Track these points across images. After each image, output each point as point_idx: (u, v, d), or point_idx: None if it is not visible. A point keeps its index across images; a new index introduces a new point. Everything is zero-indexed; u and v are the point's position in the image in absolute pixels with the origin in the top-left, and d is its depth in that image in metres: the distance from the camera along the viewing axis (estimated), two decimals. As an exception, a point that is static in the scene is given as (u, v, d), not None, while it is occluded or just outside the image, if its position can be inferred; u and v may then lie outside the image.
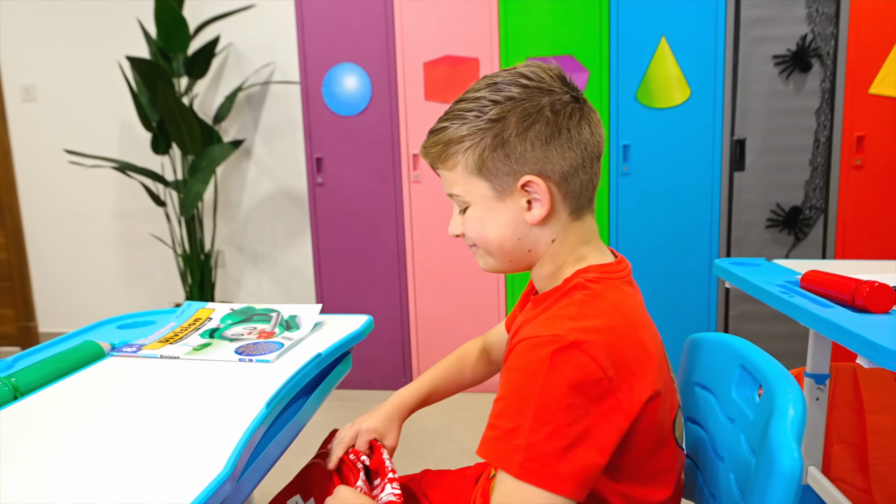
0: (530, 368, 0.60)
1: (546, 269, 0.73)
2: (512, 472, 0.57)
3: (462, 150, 0.70)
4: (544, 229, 0.70)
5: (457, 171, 0.71)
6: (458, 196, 0.73)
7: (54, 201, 3.22)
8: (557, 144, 0.68)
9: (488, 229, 0.72)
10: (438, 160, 0.73)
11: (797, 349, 2.06)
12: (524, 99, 0.68)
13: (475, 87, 0.72)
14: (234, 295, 3.15)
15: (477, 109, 0.69)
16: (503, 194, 0.70)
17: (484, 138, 0.68)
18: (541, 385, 0.58)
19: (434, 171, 0.78)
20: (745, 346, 0.71)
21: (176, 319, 1.10)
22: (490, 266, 0.76)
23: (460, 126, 0.70)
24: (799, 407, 0.55)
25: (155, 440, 0.67)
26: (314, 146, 2.45)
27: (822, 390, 1.33)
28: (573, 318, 0.62)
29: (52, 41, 3.06)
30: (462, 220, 0.75)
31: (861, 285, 0.93)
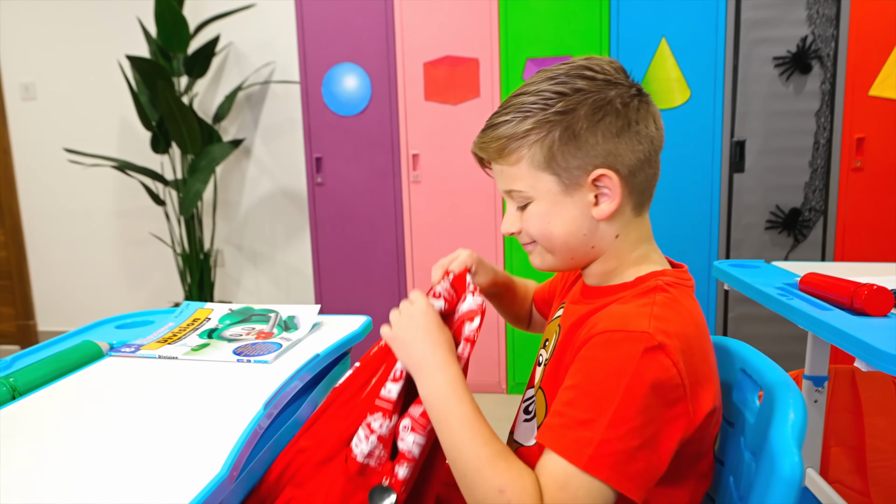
0: (617, 363, 0.58)
1: (607, 265, 0.72)
2: (579, 464, 0.55)
3: (528, 144, 0.67)
4: (609, 225, 0.69)
5: (520, 165, 0.68)
6: (519, 192, 0.70)
7: (54, 200, 3.21)
8: (627, 138, 0.67)
9: (554, 225, 0.69)
10: (499, 156, 0.70)
11: (796, 351, 2.06)
12: (593, 91, 0.66)
13: (533, 80, 0.69)
14: (233, 294, 3.15)
15: (542, 102, 0.66)
16: (571, 189, 0.68)
17: (552, 131, 0.66)
18: (626, 382, 0.56)
19: (484, 169, 0.76)
20: (745, 349, 0.71)
21: (174, 320, 1.10)
22: (548, 263, 0.74)
23: (523, 120, 0.67)
24: (800, 411, 0.55)
25: (152, 440, 0.67)
26: (314, 146, 2.44)
27: (820, 393, 1.33)
28: (657, 318, 0.61)
29: (53, 40, 3.06)
30: (519, 216, 0.72)
31: (859, 288, 0.92)
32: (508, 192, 0.72)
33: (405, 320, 0.73)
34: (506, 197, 0.74)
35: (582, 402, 0.58)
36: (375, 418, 0.68)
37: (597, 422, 0.56)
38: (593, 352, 0.61)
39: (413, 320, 0.72)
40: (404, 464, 0.66)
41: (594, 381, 0.58)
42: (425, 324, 0.71)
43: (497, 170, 0.72)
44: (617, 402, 0.56)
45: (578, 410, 0.58)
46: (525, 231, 0.72)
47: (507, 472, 0.58)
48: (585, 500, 0.55)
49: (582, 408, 0.58)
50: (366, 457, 0.68)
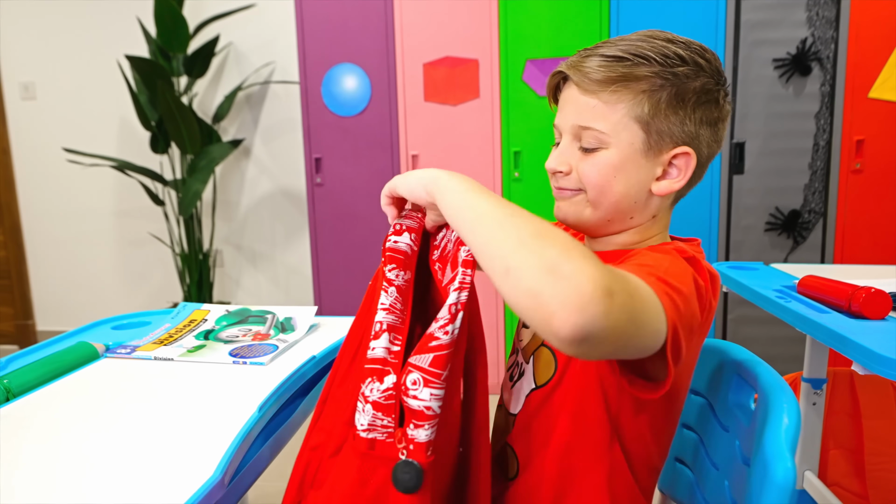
0: (660, 250, 0.60)
1: (631, 239, 0.71)
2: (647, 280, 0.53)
3: (637, 91, 0.65)
4: (655, 202, 0.69)
5: (617, 108, 0.65)
6: (598, 132, 0.66)
7: (53, 199, 3.21)
8: (712, 132, 0.68)
9: (619, 180, 0.66)
10: (601, 86, 0.65)
11: (795, 353, 2.06)
12: (708, 73, 0.66)
13: (645, 35, 0.67)
14: (232, 294, 3.15)
15: (662, 57, 0.64)
16: (651, 152, 0.66)
17: (664, 89, 0.64)
18: (673, 258, 0.59)
19: (552, 97, 0.73)
20: (740, 352, 0.71)
21: (171, 321, 1.10)
22: (583, 218, 0.70)
23: (641, 65, 0.64)
24: (793, 416, 0.55)
25: (146, 442, 0.67)
26: (313, 146, 2.44)
27: (818, 395, 1.33)
28: (682, 249, 0.63)
29: (52, 39, 3.06)
30: (579, 157, 0.68)
31: (857, 291, 0.92)
32: (583, 128, 0.67)
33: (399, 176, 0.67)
34: (569, 133, 0.69)
35: (637, 267, 0.56)
36: (366, 384, 0.60)
37: (653, 267, 0.56)
38: (639, 258, 0.60)
39: (408, 172, 0.67)
40: (424, 424, 0.56)
41: (642, 262, 0.58)
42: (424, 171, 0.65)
43: (580, 100, 0.67)
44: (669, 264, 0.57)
45: (633, 268, 0.56)
46: (579, 174, 0.68)
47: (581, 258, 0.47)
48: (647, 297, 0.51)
49: (635, 266, 0.56)
50: (368, 429, 0.60)
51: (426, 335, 0.58)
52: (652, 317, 0.50)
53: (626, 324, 0.46)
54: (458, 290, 0.58)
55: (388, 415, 0.59)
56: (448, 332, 0.57)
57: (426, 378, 0.57)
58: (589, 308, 0.43)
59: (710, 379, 0.76)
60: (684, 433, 0.80)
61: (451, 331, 0.57)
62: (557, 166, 0.69)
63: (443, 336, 0.57)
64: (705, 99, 0.66)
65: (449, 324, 0.57)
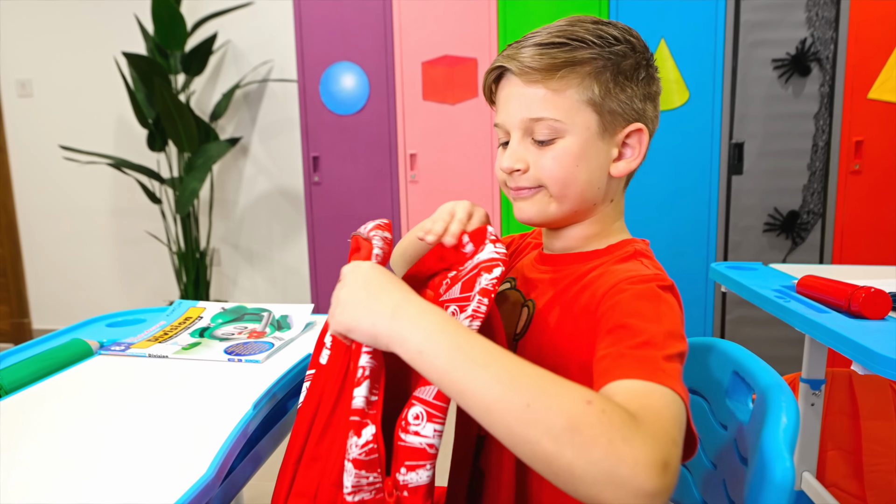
0: (648, 294, 0.56)
1: (592, 229, 0.69)
2: (652, 377, 0.48)
3: (583, 74, 0.63)
4: (613, 185, 0.68)
5: (566, 94, 0.63)
6: (553, 121, 0.64)
7: (49, 197, 3.20)
8: (654, 107, 0.68)
9: (581, 168, 0.65)
10: (547, 75, 0.63)
11: (793, 354, 2.06)
12: (641, 50, 0.66)
13: (574, 20, 0.66)
14: (229, 293, 3.14)
15: (599, 39, 0.64)
16: (606, 134, 0.65)
17: (607, 69, 0.64)
18: (663, 307, 0.56)
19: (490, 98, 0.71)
20: (739, 351, 0.71)
21: (166, 318, 1.09)
22: (549, 214, 0.67)
23: (581, 48, 0.63)
24: (792, 415, 0.54)
25: (139, 440, 0.66)
26: (311, 145, 2.44)
27: (817, 396, 1.32)
28: (656, 270, 0.62)
29: (50, 36, 3.05)
30: (534, 152, 0.66)
31: (857, 291, 0.92)
32: (535, 121, 0.64)
33: (350, 285, 0.55)
34: (518, 128, 0.66)
35: (626, 336, 0.52)
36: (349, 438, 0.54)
37: (650, 344, 0.51)
38: (616, 298, 0.57)
39: (360, 278, 0.55)
40: (425, 464, 0.50)
41: (630, 315, 0.54)
42: (379, 275, 0.55)
43: (526, 93, 0.65)
44: (661, 326, 0.53)
45: (626, 342, 0.52)
46: (539, 169, 0.66)
47: (582, 387, 0.45)
48: (673, 406, 0.46)
49: (629, 338, 0.52)
50: (353, 492, 0.53)
51: None
52: (682, 421, 0.47)
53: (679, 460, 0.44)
54: (471, 319, 0.53)
55: (372, 470, 0.53)
56: None
57: (430, 412, 0.51)
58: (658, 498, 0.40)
59: (706, 377, 0.75)
60: (682, 433, 0.79)
61: None
62: (514, 164, 0.66)
63: None
64: (644, 74, 0.66)
65: None
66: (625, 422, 0.42)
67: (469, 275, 0.60)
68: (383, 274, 0.55)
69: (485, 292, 0.55)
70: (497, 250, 0.60)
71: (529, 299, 0.71)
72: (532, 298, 0.70)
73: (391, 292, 0.53)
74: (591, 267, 0.66)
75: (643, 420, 0.43)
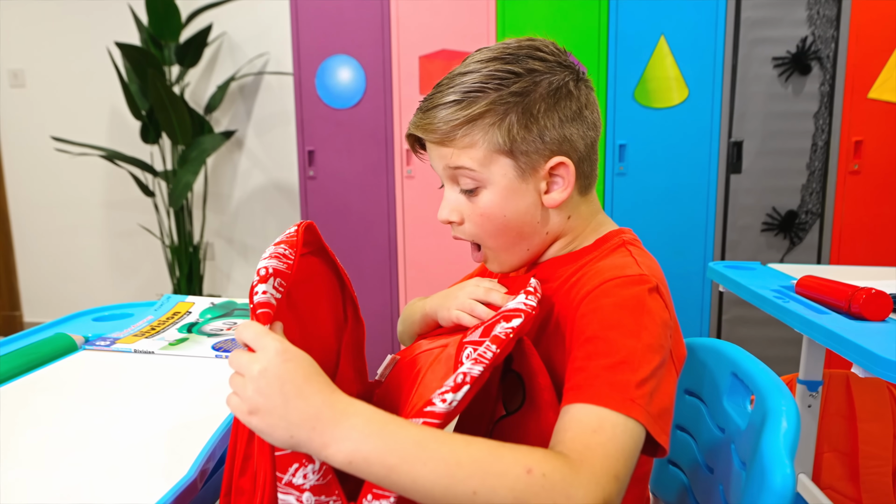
0: (629, 304, 0.56)
1: (564, 242, 0.69)
2: (615, 406, 0.50)
3: (483, 127, 0.63)
4: (560, 210, 0.67)
5: (475, 149, 0.63)
6: (471, 171, 0.64)
7: (42, 189, 3.17)
8: (579, 123, 0.65)
9: (509, 213, 0.65)
10: (447, 140, 0.64)
11: (791, 354, 2.04)
12: (546, 73, 0.64)
13: (473, 59, 0.65)
14: (223, 288, 3.12)
15: (494, 82, 0.62)
16: (526, 174, 0.64)
17: (509, 113, 0.62)
18: (643, 320, 0.55)
19: (416, 153, 0.71)
20: (737, 352, 0.69)
21: (154, 313, 1.07)
22: (508, 263, 0.69)
23: (476, 101, 0.62)
24: (793, 420, 0.52)
25: (121, 439, 0.64)
26: (306, 139, 2.41)
27: (814, 397, 1.31)
28: (642, 264, 0.61)
29: (42, 26, 3.01)
30: (461, 202, 0.66)
31: (857, 292, 0.90)
32: (455, 169, 0.65)
33: (260, 383, 0.48)
34: (446, 178, 0.67)
35: (603, 350, 0.53)
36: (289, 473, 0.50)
37: (625, 364, 0.52)
38: (598, 302, 0.57)
39: (272, 377, 0.48)
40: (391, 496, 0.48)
41: (610, 326, 0.54)
42: (293, 372, 0.48)
43: (441, 152, 0.66)
44: (640, 342, 0.53)
45: (601, 359, 0.53)
46: (470, 221, 0.67)
47: (517, 452, 0.46)
48: (622, 437, 0.49)
49: (604, 355, 0.53)
50: None
51: (422, 400, 0.52)
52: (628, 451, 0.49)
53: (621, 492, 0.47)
54: (475, 363, 0.51)
55: (331, 494, 0.50)
56: (446, 400, 0.49)
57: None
58: None
59: (704, 379, 0.73)
60: (677, 434, 0.78)
61: (449, 400, 0.49)
62: (449, 216, 0.68)
63: (439, 404, 0.49)
64: (556, 99, 0.63)
65: (449, 392, 0.50)
66: (565, 478, 0.45)
67: (492, 320, 0.58)
68: (298, 367, 0.48)
69: (496, 339, 0.53)
70: (526, 301, 0.58)
71: None
72: None
73: (308, 396, 0.47)
74: (582, 264, 0.66)
75: (584, 462, 0.46)
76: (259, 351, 0.49)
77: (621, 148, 2.23)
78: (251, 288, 0.54)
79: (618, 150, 2.23)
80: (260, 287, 0.54)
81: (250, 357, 0.49)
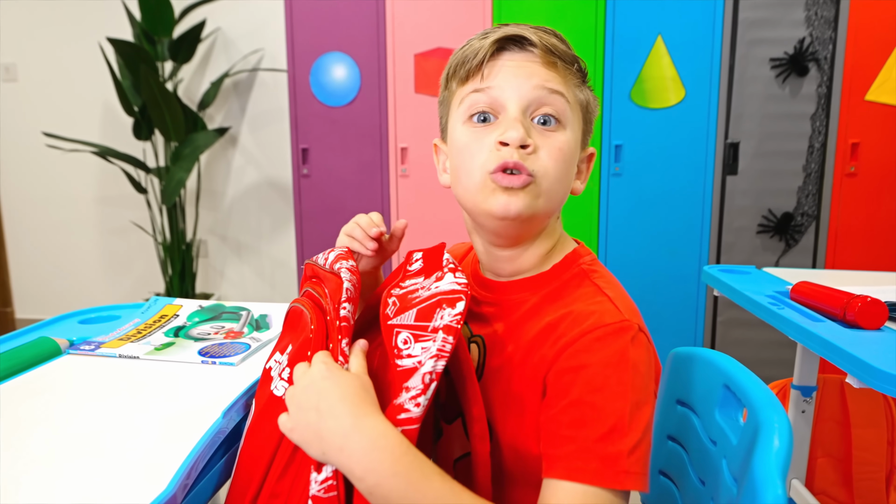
0: (613, 361, 0.52)
1: (545, 246, 0.64)
2: (610, 483, 0.49)
3: (581, 78, 0.63)
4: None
5: (571, 91, 0.61)
6: (563, 104, 0.60)
7: (34, 184, 3.14)
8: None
9: (569, 170, 0.62)
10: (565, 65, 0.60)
11: (785, 356, 2.04)
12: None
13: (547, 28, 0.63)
14: (216, 286, 3.10)
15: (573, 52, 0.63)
16: (579, 146, 0.64)
17: (586, 82, 0.64)
18: (629, 378, 0.52)
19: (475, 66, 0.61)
20: (730, 364, 0.68)
21: (141, 315, 1.05)
22: (534, 210, 0.59)
23: (577, 58, 0.63)
24: (785, 438, 0.51)
25: (101, 448, 0.62)
26: (300, 136, 2.39)
27: (808, 403, 1.30)
28: (619, 302, 0.57)
29: (35, 20, 2.97)
30: (539, 135, 0.59)
31: (853, 300, 0.89)
32: (552, 93, 0.59)
33: (301, 398, 0.53)
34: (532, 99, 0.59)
35: (591, 417, 0.51)
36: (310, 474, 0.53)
37: (615, 431, 0.50)
38: (580, 358, 0.53)
39: (312, 391, 0.53)
40: None
41: (595, 389, 0.51)
42: (330, 389, 0.52)
43: (541, 72, 0.60)
44: (627, 402, 0.51)
45: (590, 428, 0.50)
46: (546, 152, 0.59)
47: None
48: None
49: (593, 423, 0.50)
50: None
51: (393, 406, 0.51)
52: None
53: None
54: (435, 358, 0.51)
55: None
56: (419, 404, 0.50)
57: None
58: None
59: (696, 389, 0.72)
60: (669, 445, 0.77)
61: (422, 403, 0.50)
62: (525, 138, 0.57)
63: (413, 408, 0.50)
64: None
65: (421, 395, 0.50)
66: None
67: (426, 303, 0.56)
68: (335, 385, 0.52)
69: (449, 329, 0.53)
70: (458, 281, 0.58)
71: (477, 335, 0.65)
72: (480, 334, 0.65)
73: (340, 416, 0.50)
74: (541, 298, 0.62)
75: None
76: (311, 367, 0.55)
77: (617, 148, 2.22)
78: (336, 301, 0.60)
79: (614, 150, 2.22)
80: (346, 305, 0.60)
81: (303, 372, 0.56)
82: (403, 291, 0.62)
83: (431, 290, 0.58)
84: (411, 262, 0.67)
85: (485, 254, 0.67)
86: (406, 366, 0.53)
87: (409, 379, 0.52)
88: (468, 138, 0.61)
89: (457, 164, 0.64)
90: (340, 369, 0.54)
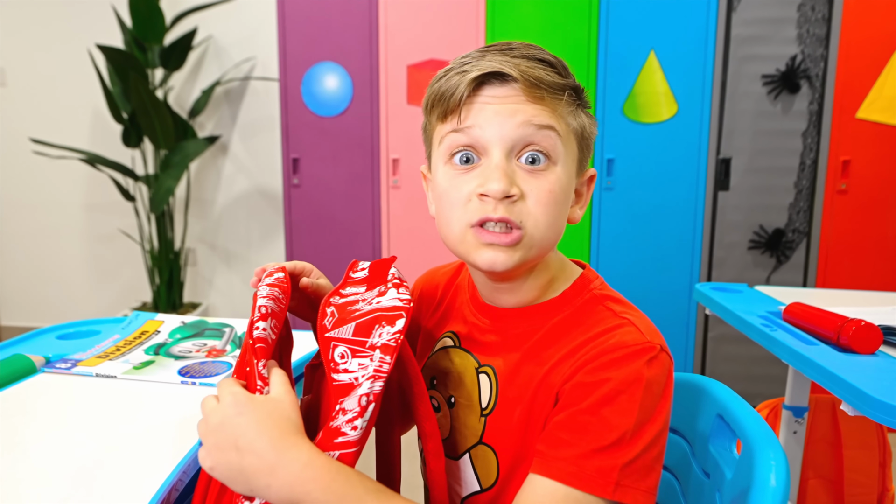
0: (628, 380, 0.51)
1: (544, 277, 0.61)
2: (602, 492, 0.49)
3: (571, 103, 0.57)
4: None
5: (562, 121, 0.56)
6: (553, 139, 0.55)
7: (21, 190, 3.09)
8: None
9: (562, 210, 0.57)
10: (553, 94, 0.55)
11: (777, 373, 2.03)
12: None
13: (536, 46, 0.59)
14: (204, 294, 3.06)
15: (564, 69, 0.59)
16: (576, 174, 0.60)
17: (584, 105, 0.60)
18: (640, 395, 0.51)
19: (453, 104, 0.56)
20: (723, 392, 0.66)
21: (121, 331, 1.02)
22: (524, 259, 0.56)
23: (568, 75, 0.58)
24: (782, 476, 0.49)
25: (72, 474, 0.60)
26: (291, 146, 2.37)
27: (800, 424, 1.28)
28: (639, 324, 0.55)
29: (24, 24, 2.94)
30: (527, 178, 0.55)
31: (847, 324, 0.88)
32: (541, 129, 0.54)
33: (217, 437, 0.50)
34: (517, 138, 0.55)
35: (596, 427, 0.50)
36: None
37: (617, 446, 0.49)
38: (598, 375, 0.52)
39: (227, 430, 0.49)
40: None
41: (606, 402, 0.51)
42: (246, 426, 0.49)
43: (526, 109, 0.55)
44: (635, 421, 0.50)
45: (594, 438, 0.50)
46: (534, 198, 0.55)
47: None
48: None
49: (597, 434, 0.50)
50: None
51: (329, 428, 0.49)
52: None
53: None
54: (373, 379, 0.49)
55: None
56: (357, 427, 0.49)
57: None
58: None
59: (689, 418, 0.71)
60: (662, 474, 0.75)
61: (360, 426, 0.49)
62: (510, 188, 0.54)
63: (350, 432, 0.48)
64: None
65: (358, 418, 0.49)
66: None
67: (366, 318, 0.54)
68: (251, 420, 0.49)
69: (387, 349, 0.51)
70: (401, 296, 0.56)
71: (486, 365, 0.62)
72: (490, 364, 0.62)
73: (262, 453, 0.47)
74: (555, 325, 0.59)
75: None
76: (220, 401, 0.52)
77: (609, 162, 2.21)
78: (251, 322, 0.58)
79: (606, 164, 2.21)
80: (260, 324, 0.57)
81: (213, 408, 0.52)
82: (343, 301, 0.59)
83: (372, 305, 0.56)
84: (356, 269, 0.66)
85: (483, 285, 0.65)
86: (342, 381, 0.51)
87: (345, 395, 0.50)
88: (448, 183, 0.58)
89: (439, 208, 0.61)
90: (254, 399, 0.51)
